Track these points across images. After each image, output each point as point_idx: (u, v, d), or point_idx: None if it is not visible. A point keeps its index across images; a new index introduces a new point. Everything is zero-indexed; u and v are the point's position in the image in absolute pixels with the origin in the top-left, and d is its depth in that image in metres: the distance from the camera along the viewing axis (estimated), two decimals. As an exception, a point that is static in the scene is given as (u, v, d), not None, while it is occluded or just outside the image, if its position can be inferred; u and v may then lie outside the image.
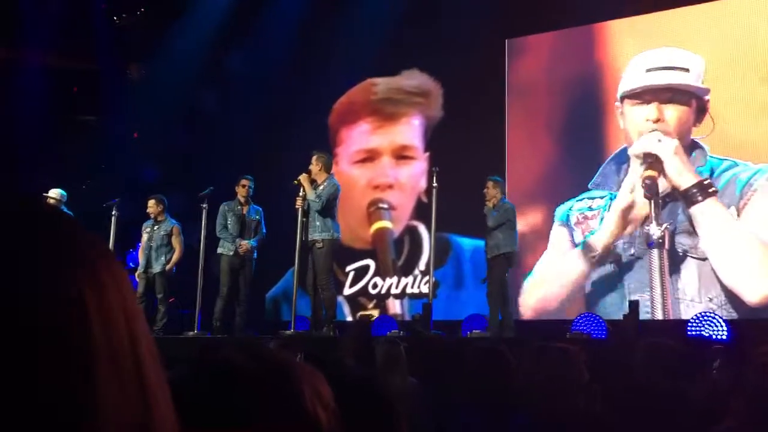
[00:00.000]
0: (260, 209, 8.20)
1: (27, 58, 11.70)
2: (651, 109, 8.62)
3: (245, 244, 7.90)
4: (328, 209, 7.36)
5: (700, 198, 8.19)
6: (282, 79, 10.63)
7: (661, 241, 8.26)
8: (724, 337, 6.69)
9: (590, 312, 7.85)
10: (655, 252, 8.31)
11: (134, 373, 0.60)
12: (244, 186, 8.01)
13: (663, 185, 8.44)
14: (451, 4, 9.45)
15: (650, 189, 8.38)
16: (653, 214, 8.38)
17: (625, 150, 8.84)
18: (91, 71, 12.05)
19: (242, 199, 8.03)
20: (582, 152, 9.22)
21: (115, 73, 11.72)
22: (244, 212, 8.05)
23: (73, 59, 12.16)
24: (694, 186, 8.26)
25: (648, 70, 8.75)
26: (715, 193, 8.17)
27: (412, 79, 10.41)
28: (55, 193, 8.35)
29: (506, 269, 7.51)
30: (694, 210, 8.23)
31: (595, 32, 9.43)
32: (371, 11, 9.93)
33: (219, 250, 7.98)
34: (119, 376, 0.59)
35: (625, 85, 8.90)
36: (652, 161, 8.44)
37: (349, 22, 10.04)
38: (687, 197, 8.28)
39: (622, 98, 8.89)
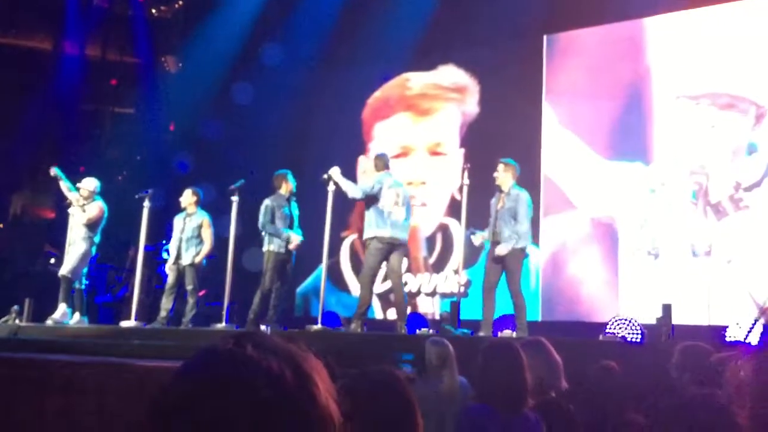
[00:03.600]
0: (297, 206, 8.15)
1: (68, 49, 11.86)
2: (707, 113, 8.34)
3: (297, 238, 7.83)
4: (371, 206, 7.24)
5: (729, 211, 7.97)
6: (316, 74, 10.61)
7: (707, 250, 8.03)
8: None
9: (624, 315, 7.65)
10: (697, 259, 8.08)
11: None
12: (288, 181, 7.95)
13: (711, 193, 8.21)
14: (487, 0, 9.31)
15: (697, 196, 8.14)
16: (699, 222, 8.15)
17: (668, 153, 8.60)
18: (130, 64, 12.18)
19: (287, 194, 7.97)
20: (622, 153, 8.99)
21: (152, 65, 11.82)
22: (291, 208, 8.00)
23: (112, 51, 12.30)
24: (728, 198, 8.03)
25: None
26: (744, 208, 7.93)
27: (448, 74, 10.30)
28: (89, 182, 8.40)
29: (520, 264, 6.91)
30: (726, 221, 8.00)
31: (639, 28, 9.18)
32: (407, 5, 9.83)
33: (270, 247, 7.82)
34: None
35: (681, 84, 8.61)
36: (700, 169, 8.20)
37: (385, 16, 9.96)
38: (719, 210, 8.05)
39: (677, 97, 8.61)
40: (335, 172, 7.53)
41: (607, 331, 7.09)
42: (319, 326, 7.36)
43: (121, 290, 10.28)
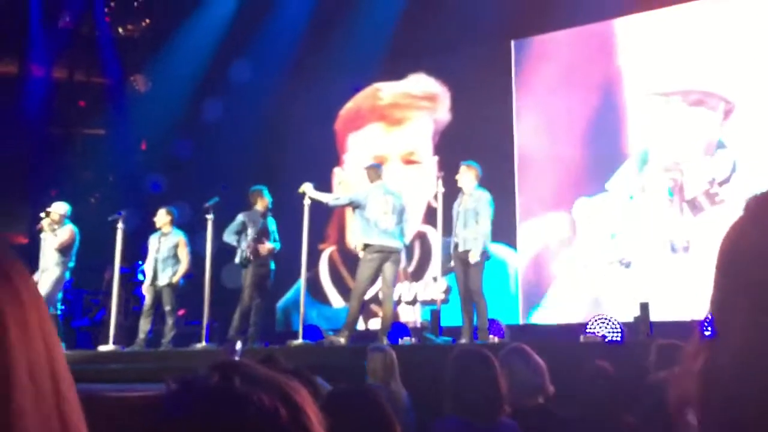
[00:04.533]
0: (274, 221, 8.13)
1: (34, 72, 11.73)
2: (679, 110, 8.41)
3: (266, 244, 7.81)
4: (357, 215, 7.26)
5: (705, 207, 8.04)
6: (286, 88, 10.58)
7: (685, 246, 8.09)
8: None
9: (602, 314, 7.69)
10: (674, 255, 8.14)
11: (52, 391, 0.61)
12: (263, 197, 7.93)
13: (686, 189, 8.28)
14: (454, 7, 9.35)
15: (674, 193, 8.20)
16: (676, 219, 8.21)
17: (642, 151, 8.67)
18: (98, 84, 12.07)
19: (262, 210, 7.95)
20: (596, 154, 9.05)
21: (121, 85, 11.73)
22: (265, 223, 7.97)
23: (80, 73, 12.18)
24: (703, 193, 8.10)
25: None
26: (720, 202, 8.00)
27: (419, 83, 10.32)
28: (59, 206, 8.30)
29: (482, 266, 6.81)
30: (702, 217, 8.08)
31: (607, 30, 9.26)
32: (374, 17, 9.86)
33: (238, 260, 7.87)
34: (38, 393, 0.59)
35: (652, 82, 8.68)
36: (674, 165, 8.27)
37: (352, 27, 9.97)
38: (696, 206, 8.13)
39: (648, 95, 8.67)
40: (309, 188, 7.52)
41: (587, 330, 7.12)
42: (300, 341, 7.31)
43: (99, 313, 10.15)
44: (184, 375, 0.78)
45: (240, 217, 7.87)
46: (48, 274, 8.09)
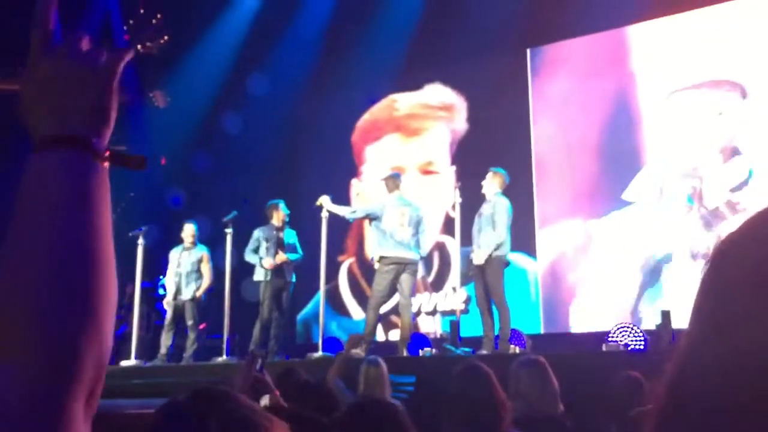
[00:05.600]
0: (294, 232, 8.14)
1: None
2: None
3: (281, 255, 7.83)
4: (373, 226, 7.25)
5: (726, 215, 7.96)
6: (303, 100, 10.63)
7: (705, 253, 8.00)
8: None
9: (626, 322, 7.61)
10: (696, 263, 8.05)
11: None
12: (279, 210, 7.96)
13: (705, 197, 8.20)
14: (468, 17, 9.36)
15: (693, 200, 8.12)
16: (696, 226, 8.13)
17: (660, 157, 8.60)
18: (119, 101, 12.17)
19: (278, 224, 7.98)
20: (614, 160, 9.00)
21: (140, 102, 11.83)
22: (281, 236, 8.00)
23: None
24: (724, 203, 8.02)
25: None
26: (742, 210, 7.91)
27: (435, 93, 10.33)
28: None
29: (501, 274, 6.78)
30: (723, 223, 8.00)
31: (618, 37, 9.22)
32: (389, 29, 9.89)
33: (256, 278, 7.89)
34: None
35: (667, 88, 8.60)
36: (693, 172, 8.20)
37: (368, 40, 10.01)
38: (717, 215, 8.05)
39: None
40: (326, 201, 7.54)
41: (609, 339, 7.05)
42: (320, 353, 7.31)
43: (121, 328, 10.23)
44: (166, 404, 0.78)
45: (255, 233, 7.94)
46: None
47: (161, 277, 9.55)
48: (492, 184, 6.99)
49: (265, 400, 3.28)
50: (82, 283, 0.62)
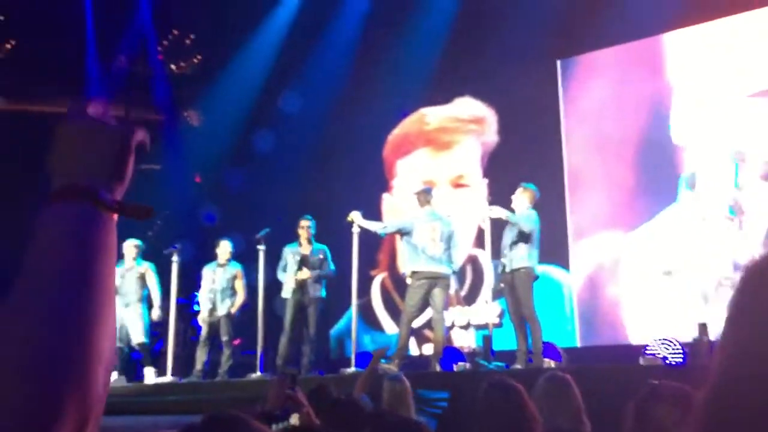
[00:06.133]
0: (325, 248, 8.18)
1: (91, 111, 12.09)
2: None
3: (304, 272, 7.89)
4: (405, 241, 7.28)
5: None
6: (334, 116, 10.70)
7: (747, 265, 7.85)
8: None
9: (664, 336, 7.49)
10: (736, 276, 7.89)
11: None
12: (303, 227, 8.02)
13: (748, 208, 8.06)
14: (497, 29, 9.35)
15: (735, 212, 7.98)
16: (738, 238, 7.99)
17: (696, 169, 8.46)
18: (153, 121, 12.39)
19: (304, 241, 8.04)
20: (648, 171, 8.88)
21: (175, 121, 12.02)
22: (307, 253, 8.05)
23: (135, 110, 12.53)
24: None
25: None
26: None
27: (465, 106, 10.32)
28: (132, 243, 8.50)
29: (531, 288, 6.75)
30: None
31: (650, 46, 9.13)
32: (418, 43, 9.93)
33: (284, 294, 7.99)
34: None
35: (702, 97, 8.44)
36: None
37: (398, 55, 10.07)
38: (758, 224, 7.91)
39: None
40: (357, 217, 7.57)
41: (647, 352, 6.94)
42: (352, 369, 7.32)
43: (157, 344, 10.35)
44: (183, 430, 0.79)
45: (284, 251, 8.02)
46: (133, 308, 8.31)
47: (196, 293, 9.65)
48: (522, 198, 6.97)
49: (294, 419, 3.30)
50: (73, 337, 0.64)
